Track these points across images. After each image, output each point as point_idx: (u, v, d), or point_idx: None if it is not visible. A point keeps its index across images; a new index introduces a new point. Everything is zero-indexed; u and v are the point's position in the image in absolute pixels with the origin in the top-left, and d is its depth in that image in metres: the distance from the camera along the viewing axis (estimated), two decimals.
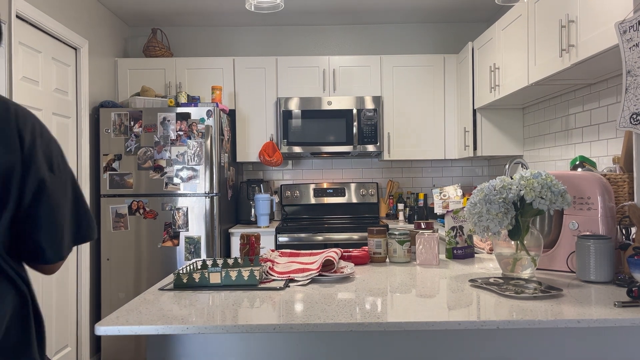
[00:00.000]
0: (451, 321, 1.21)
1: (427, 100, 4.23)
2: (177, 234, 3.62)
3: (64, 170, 1.12)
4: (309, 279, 1.64)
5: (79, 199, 1.15)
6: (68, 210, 1.11)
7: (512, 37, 3.07)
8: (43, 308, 3.10)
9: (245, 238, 1.90)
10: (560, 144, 3.20)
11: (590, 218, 1.69)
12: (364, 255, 1.97)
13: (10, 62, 2.75)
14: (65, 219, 1.09)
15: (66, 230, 1.09)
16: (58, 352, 3.27)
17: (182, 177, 3.62)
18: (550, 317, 1.21)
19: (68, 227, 1.10)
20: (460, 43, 4.54)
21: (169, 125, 3.62)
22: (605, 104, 2.69)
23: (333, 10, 4.23)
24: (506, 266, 1.68)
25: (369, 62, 4.21)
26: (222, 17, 4.35)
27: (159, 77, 4.18)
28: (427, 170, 4.62)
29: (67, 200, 1.11)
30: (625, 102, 1.76)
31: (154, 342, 1.34)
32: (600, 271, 1.57)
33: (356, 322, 1.20)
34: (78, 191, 1.16)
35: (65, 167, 1.13)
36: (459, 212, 2.05)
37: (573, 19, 2.31)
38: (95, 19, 3.86)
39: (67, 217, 1.10)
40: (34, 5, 2.99)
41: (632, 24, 1.73)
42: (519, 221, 1.60)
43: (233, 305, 1.37)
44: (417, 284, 1.61)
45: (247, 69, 4.18)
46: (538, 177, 1.58)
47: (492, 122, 3.81)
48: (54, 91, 3.27)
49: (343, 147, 4.09)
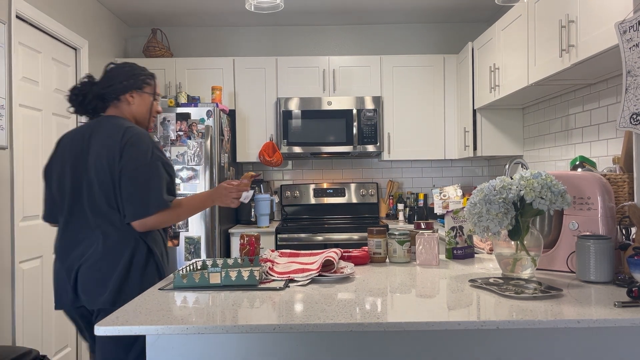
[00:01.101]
0: (451, 321, 1.21)
1: (427, 100, 4.23)
2: (177, 234, 3.62)
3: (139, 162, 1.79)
4: (309, 279, 1.64)
5: (135, 183, 1.77)
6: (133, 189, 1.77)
7: (512, 37, 3.07)
8: (43, 308, 3.10)
9: (245, 238, 1.90)
10: (560, 144, 3.20)
11: (590, 218, 1.69)
12: (363, 256, 1.97)
13: (10, 62, 2.75)
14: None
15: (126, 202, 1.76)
16: (58, 352, 3.27)
17: (182, 178, 3.62)
18: (550, 317, 1.21)
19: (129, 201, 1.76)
20: (460, 43, 4.54)
21: (168, 126, 3.62)
22: (605, 104, 2.69)
23: (333, 10, 4.23)
24: (506, 266, 1.68)
25: (369, 62, 4.21)
26: (222, 17, 4.35)
27: (159, 77, 4.17)
28: (427, 170, 4.62)
29: (139, 182, 1.77)
30: (625, 102, 1.76)
31: (153, 343, 1.34)
32: (600, 271, 1.57)
33: (356, 322, 1.20)
34: (139, 177, 1.77)
35: (140, 160, 1.78)
36: (459, 212, 2.05)
37: (573, 19, 2.31)
38: (95, 19, 3.86)
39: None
40: (34, 6, 2.99)
41: (632, 24, 1.73)
42: (519, 221, 1.60)
43: (233, 305, 1.37)
44: (417, 284, 1.61)
45: (247, 69, 4.18)
46: (538, 177, 1.58)
47: (492, 122, 3.81)
48: (54, 91, 3.27)
49: (343, 147, 4.09)
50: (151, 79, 1.98)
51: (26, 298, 2.92)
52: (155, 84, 2.01)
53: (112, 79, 1.91)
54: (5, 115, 2.71)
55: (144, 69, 1.99)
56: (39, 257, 3.06)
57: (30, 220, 2.97)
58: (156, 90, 2.01)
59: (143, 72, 1.97)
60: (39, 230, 3.06)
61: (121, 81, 1.91)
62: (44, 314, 3.11)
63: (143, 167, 1.77)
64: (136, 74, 1.94)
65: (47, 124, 3.19)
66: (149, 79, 1.98)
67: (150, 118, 2.00)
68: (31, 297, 2.97)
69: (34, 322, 3.00)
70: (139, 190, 1.76)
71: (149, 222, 1.77)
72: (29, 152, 2.98)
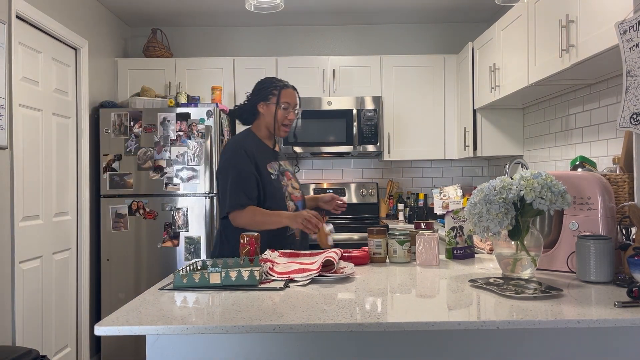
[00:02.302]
0: (451, 321, 1.21)
1: (427, 100, 4.23)
2: (177, 234, 3.62)
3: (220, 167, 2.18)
4: (309, 279, 1.64)
5: (219, 186, 2.15)
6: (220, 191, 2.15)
7: (512, 37, 3.07)
8: (43, 308, 3.10)
9: (245, 238, 1.90)
10: (560, 144, 3.20)
11: (590, 218, 1.69)
12: (364, 256, 1.97)
13: (10, 62, 2.75)
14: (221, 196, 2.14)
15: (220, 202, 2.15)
16: (58, 352, 3.27)
17: (182, 178, 3.61)
18: (550, 318, 1.21)
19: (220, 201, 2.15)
20: (460, 43, 4.54)
21: (168, 126, 3.62)
22: (605, 104, 2.69)
23: (333, 10, 4.23)
24: (506, 266, 1.68)
25: (368, 62, 4.21)
26: (222, 17, 4.35)
27: (159, 78, 4.18)
28: (427, 171, 4.62)
29: (220, 185, 2.14)
30: (625, 102, 1.76)
31: (153, 343, 1.34)
32: (600, 271, 1.57)
33: (356, 322, 1.20)
34: (220, 181, 2.14)
35: (221, 166, 2.16)
36: (459, 212, 2.05)
37: (573, 19, 2.31)
38: (95, 19, 3.86)
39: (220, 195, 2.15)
40: (33, 6, 2.99)
41: (632, 24, 1.73)
42: (519, 221, 1.60)
43: (233, 305, 1.37)
44: (417, 284, 1.61)
45: (247, 69, 4.18)
46: (538, 177, 1.58)
47: (492, 122, 3.81)
48: (54, 91, 3.27)
49: (343, 147, 4.09)
50: (277, 90, 2.18)
51: (26, 298, 2.92)
52: (281, 94, 2.18)
53: (251, 93, 2.25)
54: (5, 115, 2.71)
55: (275, 80, 2.21)
56: (39, 257, 3.06)
57: (30, 220, 2.97)
58: (280, 100, 2.18)
59: (272, 84, 2.20)
60: (39, 230, 3.06)
61: (254, 95, 2.22)
62: (44, 314, 3.11)
63: (218, 174, 2.18)
64: (264, 87, 2.20)
65: (47, 124, 3.19)
66: (275, 89, 2.18)
67: (278, 126, 2.20)
68: (31, 297, 2.97)
69: (34, 322, 3.00)
70: (219, 192, 2.15)
71: (236, 220, 2.08)
72: (29, 152, 2.98)
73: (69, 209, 3.44)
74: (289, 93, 2.20)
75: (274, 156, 2.24)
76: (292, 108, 2.22)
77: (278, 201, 2.14)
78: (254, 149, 2.16)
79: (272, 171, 2.18)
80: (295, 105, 2.23)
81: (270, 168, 2.18)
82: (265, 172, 2.15)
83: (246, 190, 2.08)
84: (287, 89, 2.21)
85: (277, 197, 2.15)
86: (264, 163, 2.16)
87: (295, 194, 2.25)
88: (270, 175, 2.15)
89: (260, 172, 2.13)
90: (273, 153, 2.26)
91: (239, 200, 2.07)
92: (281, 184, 2.19)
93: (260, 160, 2.15)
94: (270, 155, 2.23)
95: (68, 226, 3.42)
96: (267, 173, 2.15)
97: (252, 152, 2.13)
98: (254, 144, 2.19)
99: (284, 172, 2.25)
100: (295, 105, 2.23)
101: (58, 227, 3.27)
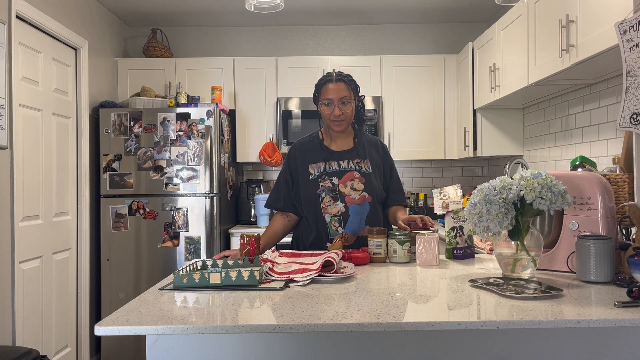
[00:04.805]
0: (451, 321, 1.21)
1: (427, 100, 4.23)
2: (177, 234, 3.62)
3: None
4: (309, 279, 1.64)
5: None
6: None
7: (512, 37, 3.07)
8: (43, 308, 3.10)
9: (245, 238, 1.90)
10: (560, 144, 3.20)
11: (590, 218, 1.69)
12: (364, 256, 1.97)
13: (10, 62, 2.75)
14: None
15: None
16: (58, 352, 3.27)
17: (182, 178, 3.62)
18: (550, 318, 1.21)
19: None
20: (460, 43, 4.54)
21: (168, 126, 3.62)
22: (605, 104, 2.69)
23: (333, 10, 4.23)
24: (506, 266, 1.68)
25: (368, 62, 4.21)
26: (222, 17, 4.35)
27: (159, 78, 4.18)
28: (427, 170, 4.62)
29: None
30: (625, 102, 1.76)
31: (153, 343, 1.34)
32: (600, 271, 1.57)
33: (356, 322, 1.20)
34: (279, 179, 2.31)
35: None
36: (459, 212, 2.05)
37: (573, 19, 2.31)
38: (95, 19, 3.86)
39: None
40: (33, 6, 2.99)
41: (632, 24, 1.73)
42: (519, 221, 1.60)
43: (233, 305, 1.37)
44: (417, 284, 1.61)
45: (247, 69, 4.18)
46: (538, 177, 1.58)
47: (492, 122, 3.81)
48: (53, 91, 3.27)
49: None
50: (318, 87, 2.21)
51: (26, 298, 2.92)
52: (321, 91, 2.20)
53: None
54: (5, 115, 2.71)
55: (322, 78, 2.21)
56: (39, 257, 3.06)
57: (30, 220, 2.97)
58: (321, 97, 2.20)
59: (318, 82, 2.22)
60: (39, 230, 3.06)
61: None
62: (44, 314, 3.11)
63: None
64: (315, 86, 2.24)
65: (47, 124, 3.19)
66: (318, 88, 2.22)
67: (327, 123, 2.24)
68: (31, 297, 2.97)
69: (34, 322, 3.00)
70: None
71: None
72: (29, 152, 2.98)
73: (69, 209, 3.44)
74: (328, 89, 2.15)
75: (324, 157, 2.21)
76: (337, 103, 2.15)
77: (310, 201, 2.17)
78: (304, 148, 2.26)
79: (313, 172, 2.19)
80: (340, 99, 2.14)
81: (312, 169, 2.19)
82: (305, 172, 2.20)
83: (277, 192, 2.29)
84: (326, 85, 2.17)
85: (310, 198, 2.18)
86: (307, 163, 2.21)
87: (353, 196, 2.16)
88: (309, 176, 2.19)
89: (299, 172, 2.21)
90: (325, 153, 2.22)
91: (268, 200, 2.34)
92: (319, 184, 2.16)
93: (304, 160, 2.22)
94: (318, 155, 2.22)
95: (68, 226, 3.42)
96: (307, 174, 2.19)
97: (297, 153, 2.26)
98: (307, 144, 2.28)
99: (344, 172, 2.18)
100: (339, 100, 2.14)
101: (58, 227, 3.27)
